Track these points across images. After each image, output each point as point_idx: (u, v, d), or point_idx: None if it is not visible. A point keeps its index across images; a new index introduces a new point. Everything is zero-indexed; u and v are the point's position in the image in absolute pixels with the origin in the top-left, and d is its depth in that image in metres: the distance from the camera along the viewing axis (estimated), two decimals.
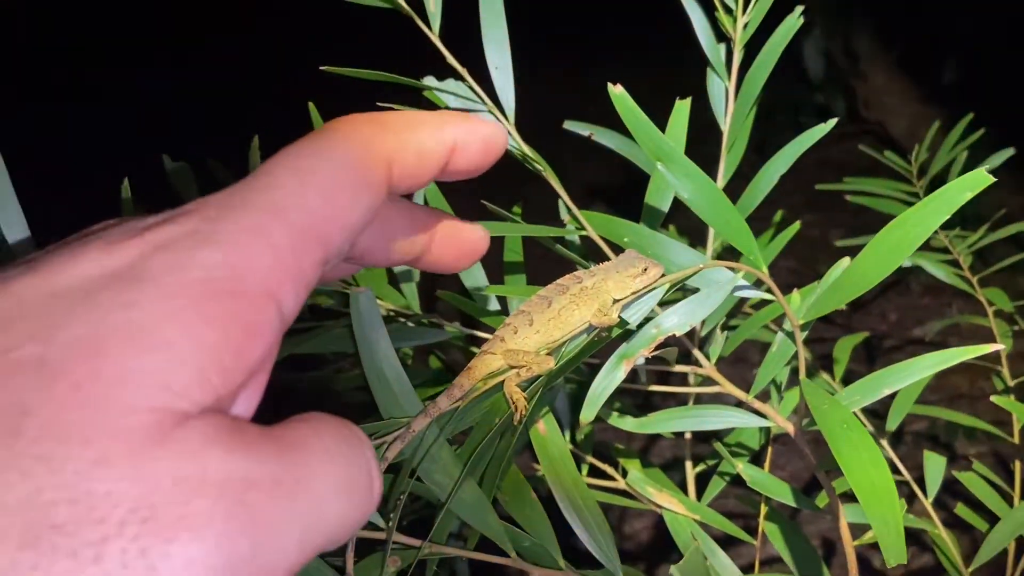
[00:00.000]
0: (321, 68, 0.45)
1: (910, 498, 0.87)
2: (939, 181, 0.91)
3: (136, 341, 0.22)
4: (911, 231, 0.44)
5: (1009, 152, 1.03)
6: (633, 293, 0.48)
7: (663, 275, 0.48)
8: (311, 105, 0.61)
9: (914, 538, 1.64)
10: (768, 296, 0.50)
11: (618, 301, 0.48)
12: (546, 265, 0.63)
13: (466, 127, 0.32)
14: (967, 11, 2.77)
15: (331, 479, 0.25)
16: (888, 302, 2.55)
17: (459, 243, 0.36)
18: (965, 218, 1.31)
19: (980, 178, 0.41)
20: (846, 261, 0.50)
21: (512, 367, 0.48)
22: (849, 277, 0.47)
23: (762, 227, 0.96)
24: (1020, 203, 2.72)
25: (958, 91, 2.93)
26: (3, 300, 0.23)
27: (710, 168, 0.67)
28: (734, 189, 0.66)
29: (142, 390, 0.21)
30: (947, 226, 1.12)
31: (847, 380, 0.87)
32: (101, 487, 0.20)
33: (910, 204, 0.54)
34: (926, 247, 1.11)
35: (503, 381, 0.48)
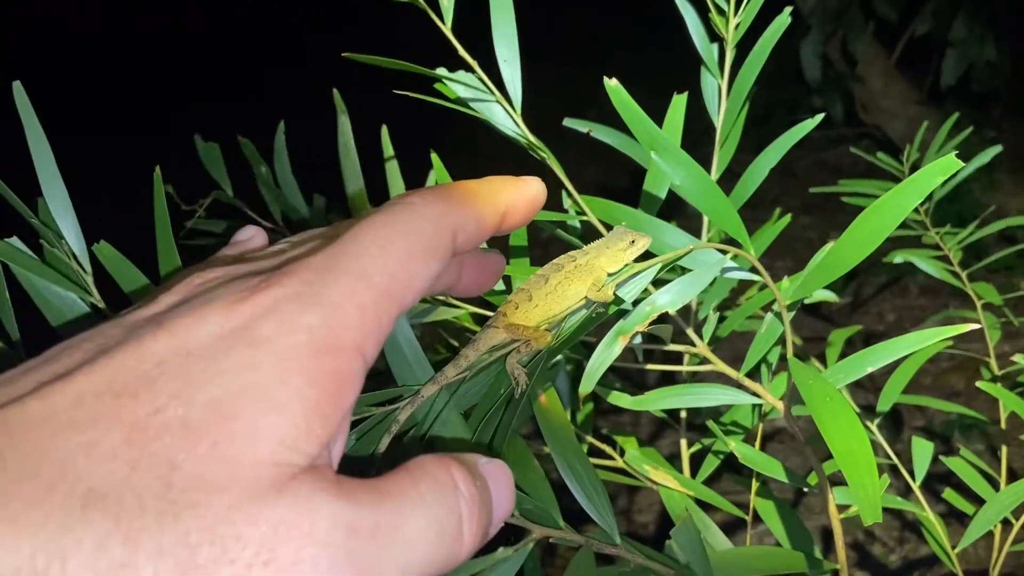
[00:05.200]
0: (343, 55, 0.48)
1: (906, 489, 0.89)
2: None
3: (258, 403, 0.26)
4: (887, 214, 0.46)
5: (996, 149, 1.05)
6: (625, 266, 0.51)
7: (649, 245, 0.51)
8: (335, 92, 0.66)
9: (911, 527, 1.67)
10: (756, 277, 0.54)
11: (612, 276, 0.51)
12: (552, 250, 0.66)
13: (515, 193, 0.38)
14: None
15: (422, 525, 0.28)
16: (886, 303, 2.57)
17: (483, 270, 0.42)
18: (963, 220, 1.34)
19: (950, 163, 0.43)
20: (830, 245, 0.53)
21: (514, 340, 0.51)
22: (831, 259, 0.50)
23: (760, 227, 0.99)
24: (1019, 204, 2.76)
25: (957, 93, 2.95)
26: (143, 360, 0.27)
27: (707, 166, 0.70)
28: (729, 186, 0.69)
29: (266, 447, 0.26)
30: (938, 224, 1.14)
31: None
32: (232, 531, 0.24)
33: None
34: (918, 245, 1.13)
35: (506, 356, 0.51)
